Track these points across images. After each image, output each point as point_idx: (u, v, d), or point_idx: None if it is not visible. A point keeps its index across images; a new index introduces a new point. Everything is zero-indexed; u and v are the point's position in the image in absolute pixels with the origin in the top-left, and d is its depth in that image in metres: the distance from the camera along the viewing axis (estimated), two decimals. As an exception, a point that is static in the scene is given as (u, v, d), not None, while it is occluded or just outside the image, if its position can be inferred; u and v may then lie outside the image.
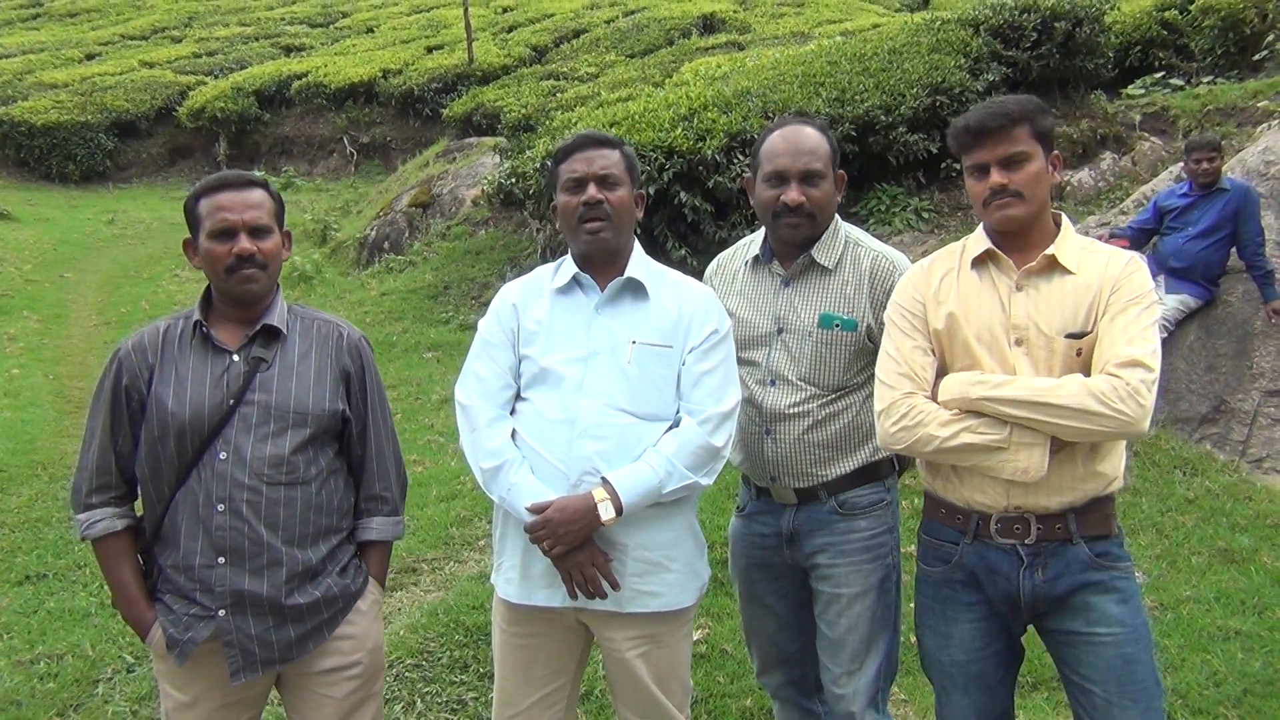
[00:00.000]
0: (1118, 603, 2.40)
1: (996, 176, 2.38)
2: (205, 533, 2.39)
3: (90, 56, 26.76)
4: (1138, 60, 13.38)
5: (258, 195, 2.50)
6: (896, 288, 2.60)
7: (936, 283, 2.50)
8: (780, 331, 2.77)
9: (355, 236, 13.58)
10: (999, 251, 2.45)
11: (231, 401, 2.41)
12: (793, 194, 2.68)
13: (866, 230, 9.26)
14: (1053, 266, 2.41)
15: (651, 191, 8.60)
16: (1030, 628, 2.55)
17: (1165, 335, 6.39)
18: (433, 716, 3.66)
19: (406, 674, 3.85)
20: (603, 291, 2.61)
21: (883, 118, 9.02)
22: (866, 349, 2.72)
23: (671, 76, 15.36)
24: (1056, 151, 2.47)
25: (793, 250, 2.79)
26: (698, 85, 10.81)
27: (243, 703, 2.52)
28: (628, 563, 2.49)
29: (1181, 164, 7.08)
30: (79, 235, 16.01)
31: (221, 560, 2.38)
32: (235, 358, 2.47)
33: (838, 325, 2.71)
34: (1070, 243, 2.44)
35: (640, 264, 2.65)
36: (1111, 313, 2.33)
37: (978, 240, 2.50)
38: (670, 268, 2.78)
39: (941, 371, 2.46)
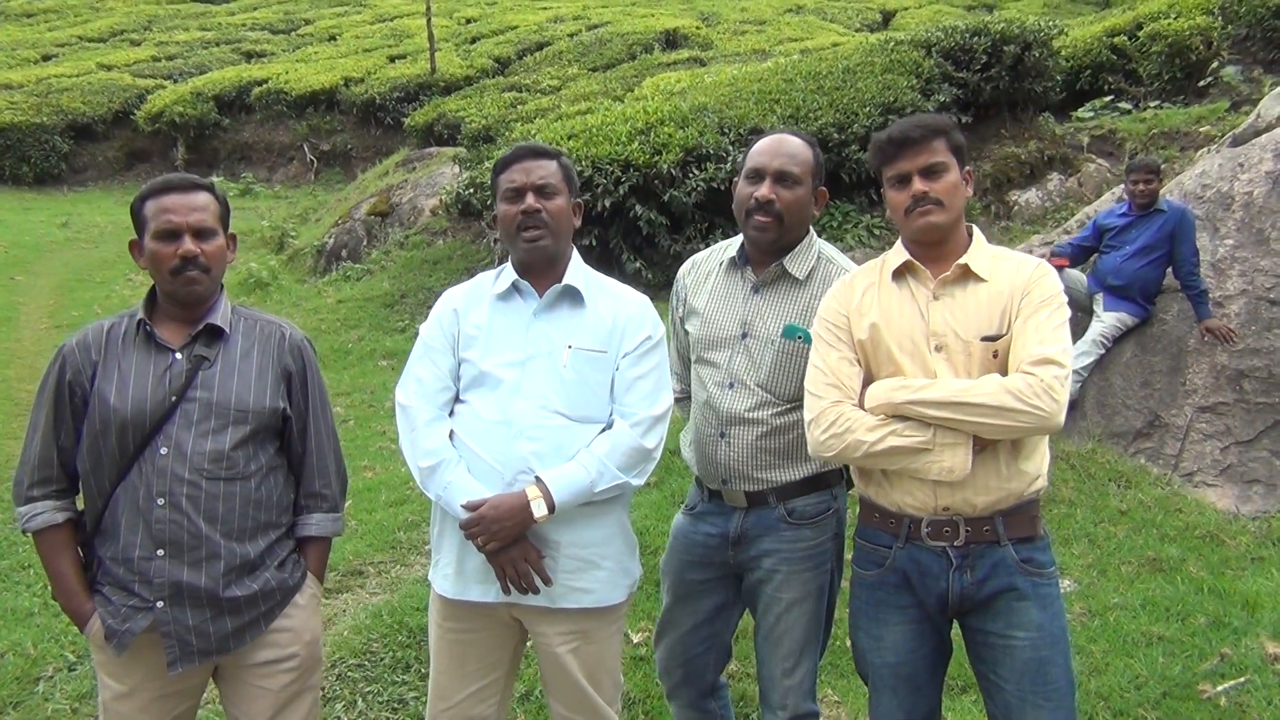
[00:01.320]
0: (1038, 609, 2.49)
1: (919, 184, 2.49)
2: (145, 525, 2.44)
3: (47, 58, 26.59)
4: (1088, 84, 13.68)
5: (203, 198, 2.55)
6: (821, 303, 2.68)
7: (859, 296, 2.60)
8: (744, 336, 2.83)
9: (313, 244, 13.57)
10: (916, 263, 2.56)
11: (174, 398, 2.46)
12: (763, 189, 2.75)
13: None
14: (966, 275, 2.52)
15: (608, 204, 8.72)
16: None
17: (1103, 351, 6.58)
18: (374, 715, 3.72)
19: (349, 673, 3.90)
20: (541, 298, 2.69)
21: (836, 135, 9.20)
22: None
23: (633, 90, 15.50)
24: (969, 168, 2.58)
25: (765, 256, 2.84)
26: (655, 100, 10.95)
27: (180, 693, 2.57)
28: (560, 559, 2.58)
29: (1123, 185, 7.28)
30: (32, 238, 15.87)
31: (160, 553, 2.43)
32: (178, 356, 2.52)
33: (800, 337, 2.76)
34: (982, 252, 2.55)
35: (578, 272, 2.74)
36: (1024, 315, 2.44)
37: (896, 254, 2.60)
38: (610, 278, 2.86)
39: (867, 380, 2.56)
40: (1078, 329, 6.83)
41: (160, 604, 2.44)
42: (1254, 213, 6.77)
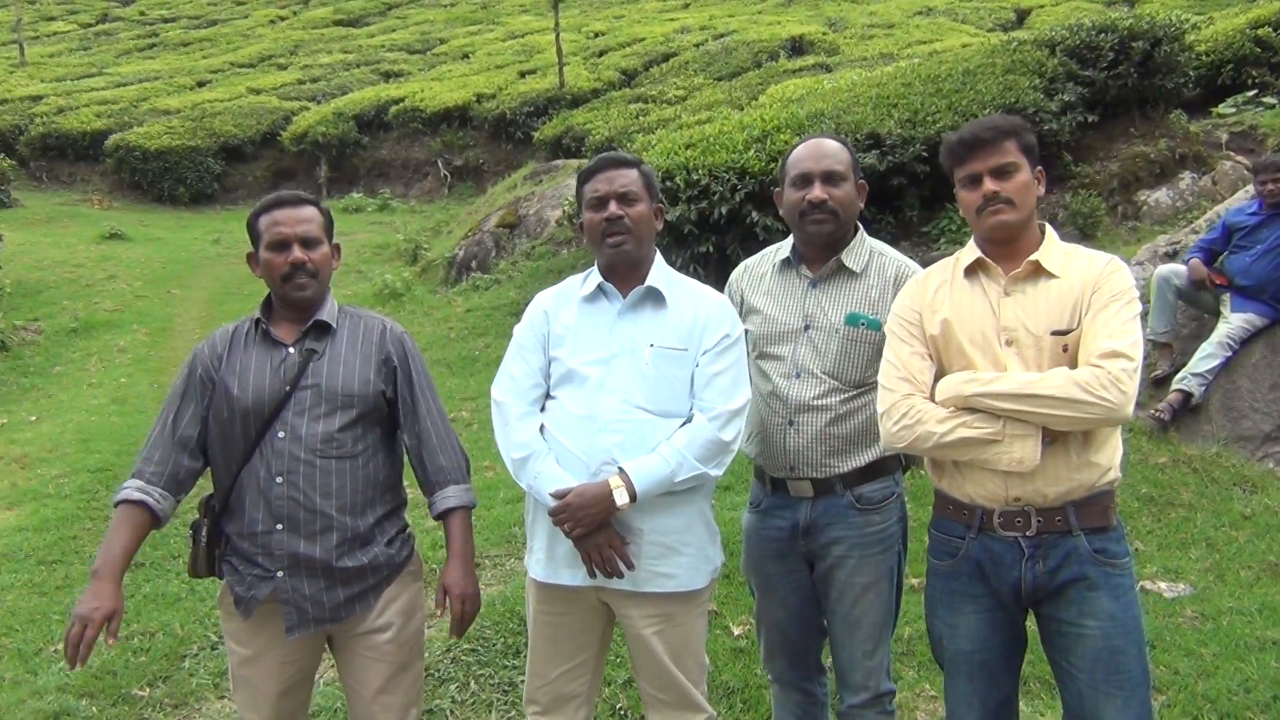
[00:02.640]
0: (1110, 598, 2.53)
1: (990, 184, 2.57)
2: (265, 503, 2.71)
3: (201, 84, 27.95)
4: (1230, 78, 13.18)
5: (308, 212, 2.85)
6: (896, 300, 2.79)
7: (931, 293, 2.69)
8: (807, 328, 2.97)
9: (444, 255, 14.06)
10: (988, 260, 2.64)
11: (288, 388, 2.75)
12: (816, 192, 2.92)
13: (939, 249, 9.33)
14: (1038, 271, 2.59)
15: (724, 211, 8.85)
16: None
17: (1230, 354, 6.39)
18: (485, 696, 3.95)
19: (463, 657, 4.13)
20: (625, 299, 2.87)
21: (954, 138, 9.11)
22: None
23: (757, 98, 15.57)
24: (1040, 167, 2.65)
25: (820, 253, 3.00)
26: (773, 108, 11.02)
27: (297, 660, 2.83)
28: (643, 546, 2.73)
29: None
30: (186, 254, 16.80)
31: (280, 527, 2.70)
32: (291, 350, 2.81)
33: (863, 324, 2.92)
34: (1054, 249, 2.62)
35: (660, 274, 2.90)
36: (1094, 309, 2.50)
37: (969, 251, 2.69)
38: (692, 279, 3.02)
39: (939, 375, 2.65)
40: (1204, 330, 6.68)
41: (280, 574, 2.71)
42: (1394, 209, 6.49)
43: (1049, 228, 2.68)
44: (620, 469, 2.67)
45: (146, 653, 4.45)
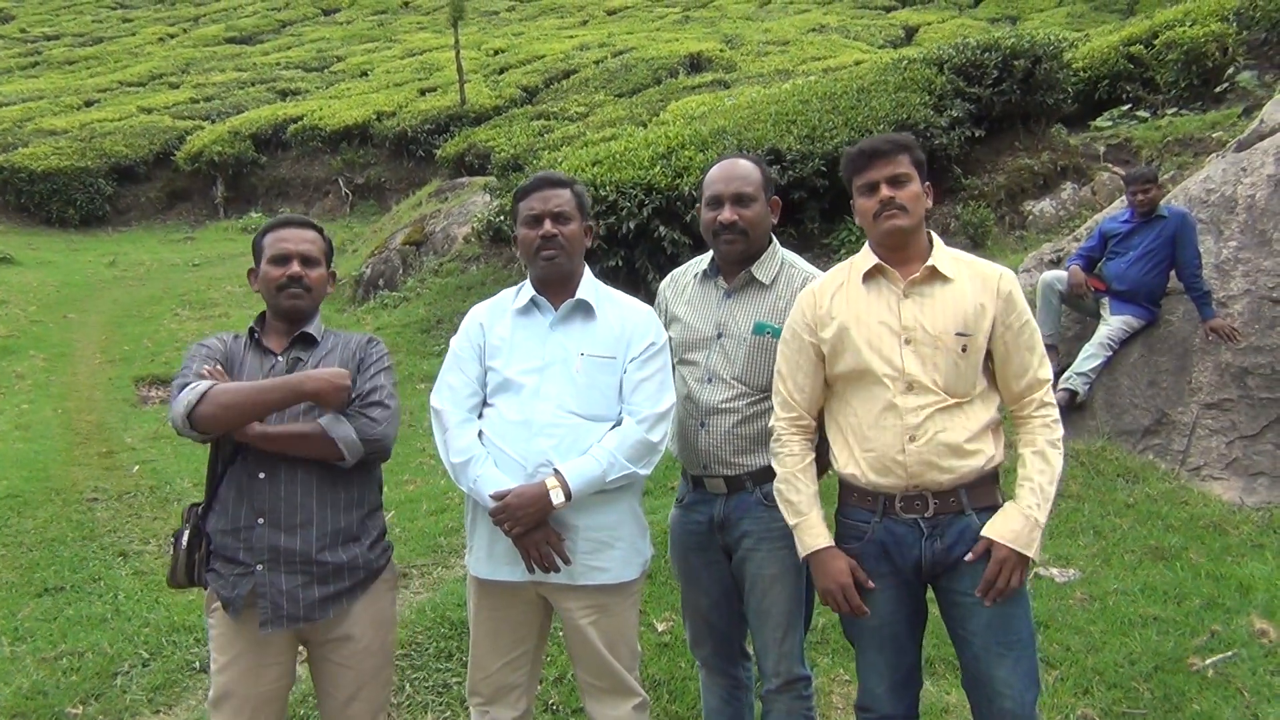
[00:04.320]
0: (976, 593, 2.79)
1: (885, 190, 2.81)
2: (248, 499, 2.86)
3: (89, 103, 27.29)
4: (1106, 94, 13.85)
5: (311, 234, 3.08)
6: (792, 311, 3.02)
7: (827, 301, 2.93)
8: (720, 336, 3.17)
9: (351, 274, 14.02)
10: (886, 265, 2.88)
11: None
12: (726, 214, 3.12)
13: (839, 259, 9.67)
14: (934, 275, 2.84)
15: (632, 226, 9.07)
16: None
17: (1110, 353, 6.79)
18: (420, 699, 4.07)
19: (397, 663, 4.20)
20: (556, 311, 3.05)
21: (851, 153, 9.48)
22: None
23: (658, 115, 15.85)
24: (929, 183, 2.91)
25: (734, 266, 3.21)
26: (676, 125, 11.30)
27: (274, 665, 2.94)
28: (578, 541, 2.91)
29: (1131, 193, 7.52)
30: (81, 277, 16.43)
31: (260, 521, 2.85)
32: (280, 358, 2.98)
33: (769, 333, 3.12)
34: (944, 254, 2.88)
35: (589, 287, 3.09)
36: (1012, 332, 2.82)
37: (865, 258, 2.92)
38: (619, 291, 3.21)
39: (832, 376, 2.91)
40: (1086, 332, 7.09)
41: (260, 567, 2.84)
42: (1256, 215, 6.96)
43: (935, 236, 2.94)
44: (556, 470, 2.85)
45: (77, 672, 4.45)
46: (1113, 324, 6.82)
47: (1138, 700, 4.01)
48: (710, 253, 3.31)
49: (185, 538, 2.92)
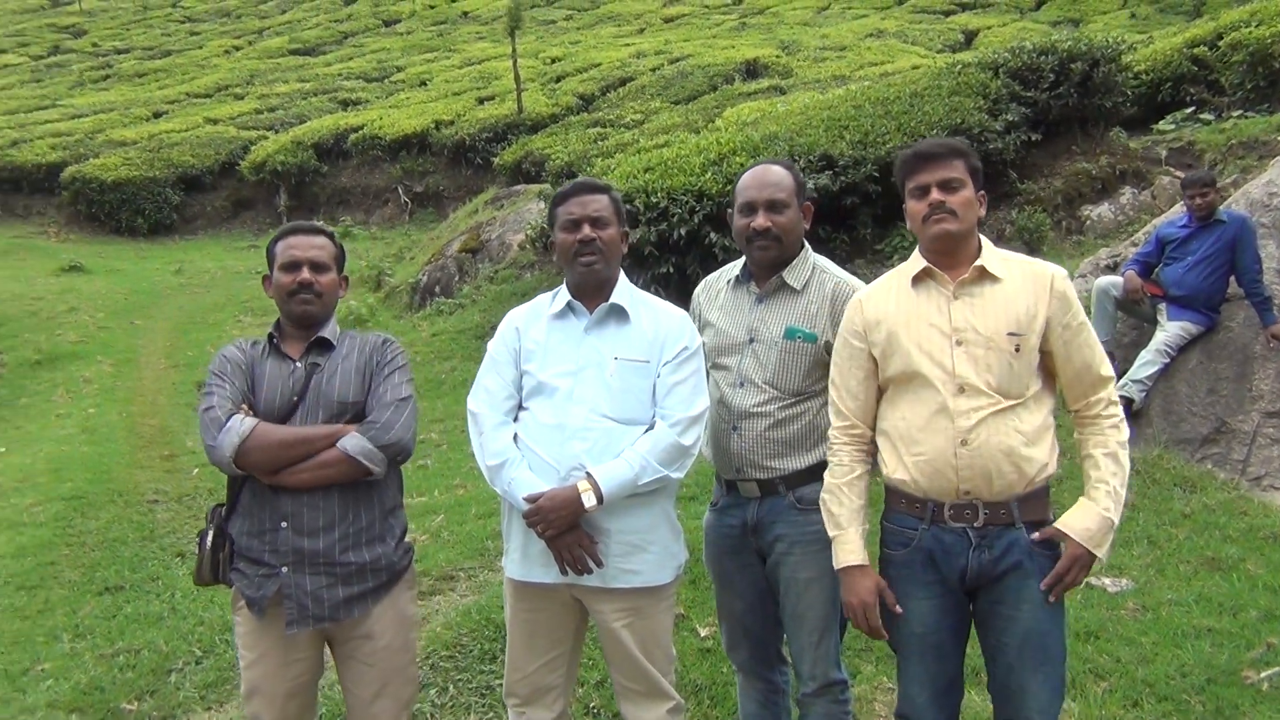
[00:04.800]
0: (1041, 584, 2.76)
1: (936, 194, 2.79)
2: (271, 502, 2.92)
3: (157, 114, 27.93)
4: (1169, 96, 13.58)
5: (321, 240, 3.13)
6: (843, 317, 3.02)
7: (875, 306, 2.92)
8: (751, 341, 3.19)
9: (408, 281, 14.21)
10: (934, 268, 2.85)
11: (296, 398, 2.99)
12: (760, 220, 3.14)
13: (892, 265, 9.59)
14: (983, 276, 2.81)
15: (683, 233, 9.09)
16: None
17: (1168, 360, 6.69)
18: (463, 700, 4.12)
19: (441, 664, 4.30)
20: (591, 315, 3.08)
21: (903, 159, 9.42)
22: (823, 361, 3.13)
23: (714, 121, 15.85)
24: (983, 191, 2.87)
25: (766, 271, 3.22)
26: (729, 131, 11.29)
27: (300, 661, 3.01)
28: (611, 544, 2.94)
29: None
30: (148, 285, 16.85)
31: (284, 524, 2.91)
32: (298, 364, 3.04)
33: (800, 337, 3.13)
34: (992, 255, 2.85)
35: (624, 291, 3.12)
36: (1071, 330, 2.79)
37: (914, 262, 2.90)
38: (654, 296, 3.25)
39: (883, 378, 2.88)
40: (1143, 338, 6.98)
41: (285, 569, 2.91)
42: (1319, 219, 6.84)
43: (984, 239, 2.90)
44: (588, 474, 2.88)
45: (133, 669, 4.59)
46: (1170, 330, 6.71)
47: (1189, 713, 3.93)
48: (743, 258, 3.32)
49: (209, 538, 3.00)
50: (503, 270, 13.05)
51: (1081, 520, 2.72)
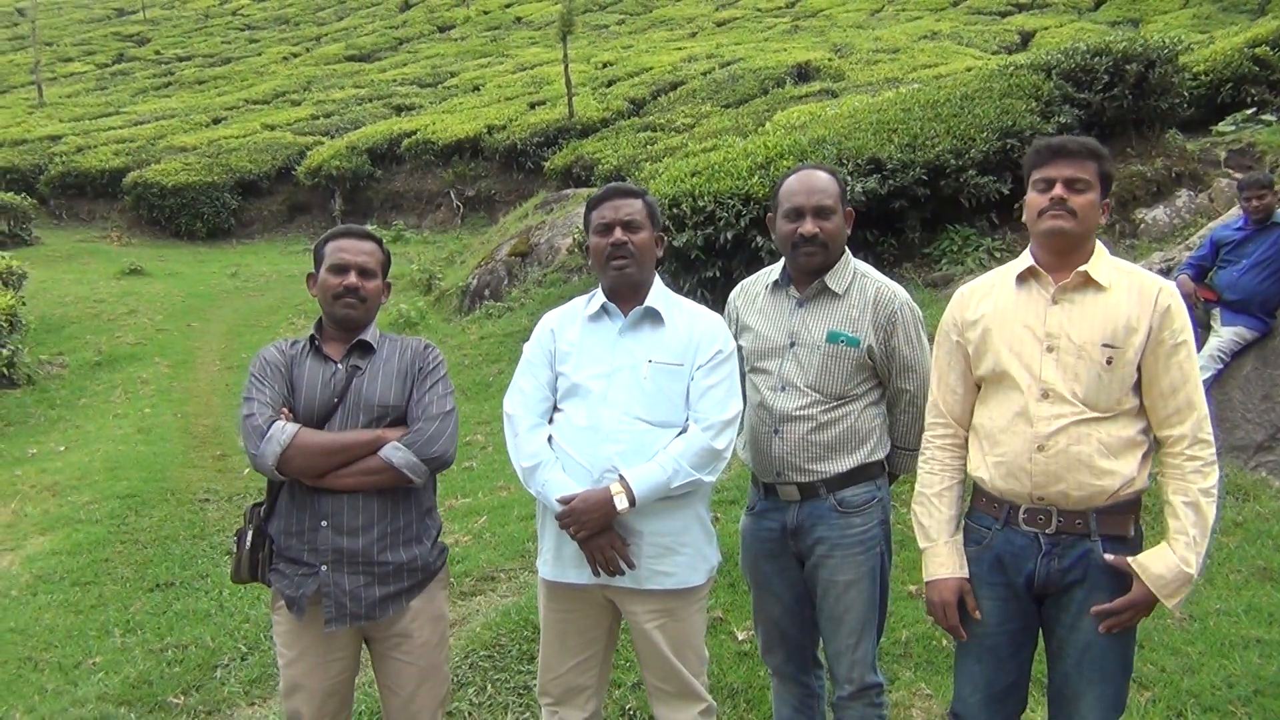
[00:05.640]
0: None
1: (1060, 190, 2.71)
2: (311, 503, 2.97)
3: (216, 121, 28.44)
4: (1229, 97, 13.33)
5: (370, 246, 3.18)
6: (945, 311, 2.99)
7: (976, 301, 2.90)
8: (793, 345, 3.19)
9: (458, 285, 14.33)
10: (1039, 269, 2.80)
11: (336, 399, 3.03)
12: (808, 226, 3.12)
13: (940, 270, 9.48)
14: (1087, 283, 2.73)
15: (730, 236, 9.09)
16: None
17: (1221, 366, 6.57)
18: (501, 699, 4.16)
19: (480, 663, 4.34)
20: (625, 318, 3.10)
21: (953, 161, 9.34)
22: (865, 365, 3.14)
23: (764, 125, 15.80)
24: (1109, 200, 2.80)
25: (807, 276, 3.22)
26: (776, 135, 11.26)
27: (339, 660, 3.07)
28: (643, 546, 2.95)
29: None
30: (205, 288, 17.15)
31: (324, 524, 2.96)
32: (339, 366, 3.09)
33: (843, 341, 3.13)
34: (1103, 262, 2.75)
35: (659, 295, 3.13)
36: (1172, 354, 2.64)
37: (1022, 260, 2.85)
38: (688, 299, 3.25)
39: (976, 375, 2.86)
40: (1196, 343, 6.85)
41: (324, 568, 2.96)
42: (1380, 221, 6.67)
43: (1100, 244, 2.81)
44: (621, 476, 2.90)
45: (180, 664, 4.70)
46: (1224, 335, 6.59)
47: (1234, 724, 3.87)
48: (780, 262, 3.33)
49: (249, 538, 3.05)
50: (551, 274, 13.12)
51: (1158, 565, 2.62)
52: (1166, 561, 2.61)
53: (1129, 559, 2.65)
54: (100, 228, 22.82)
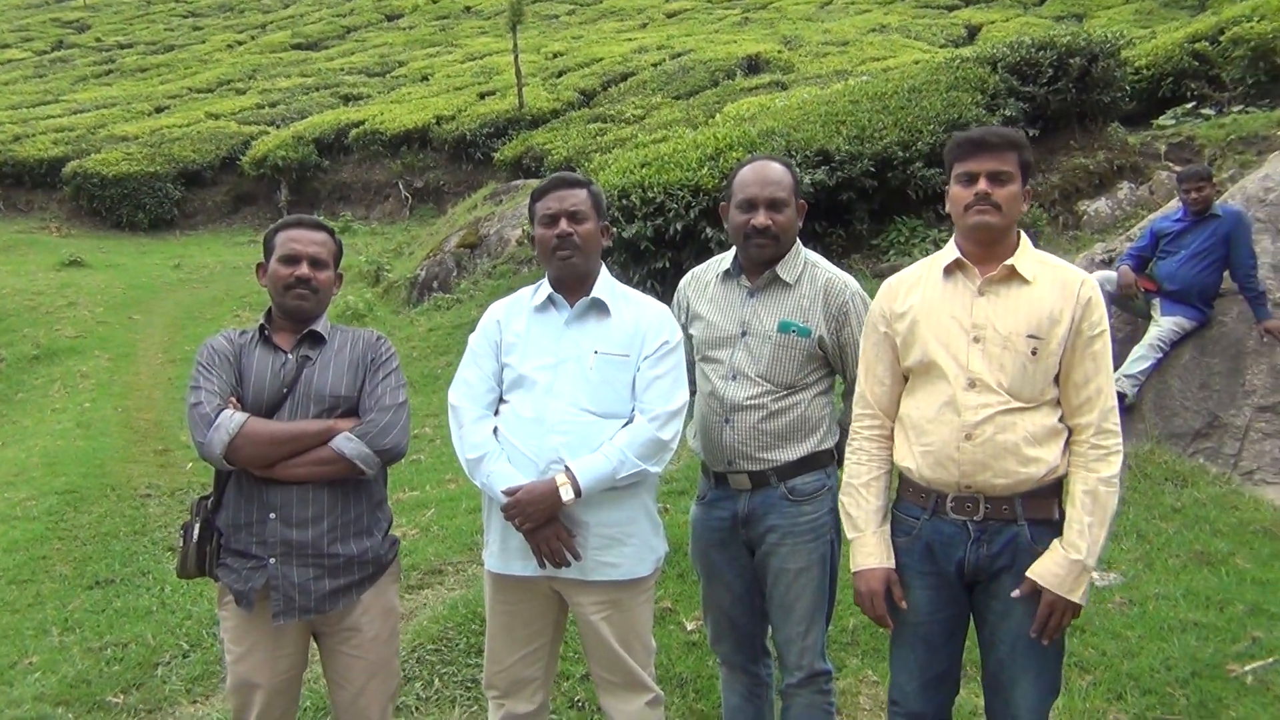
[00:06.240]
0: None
1: (983, 185, 2.73)
2: (259, 494, 2.93)
3: (159, 109, 27.84)
4: (1170, 91, 13.57)
5: (322, 236, 3.14)
6: (873, 303, 3.01)
7: (903, 293, 2.91)
8: (744, 334, 3.19)
9: (406, 276, 14.21)
10: (966, 261, 2.82)
11: (285, 389, 2.99)
12: (761, 218, 3.13)
13: (888, 261, 9.56)
14: (1012, 275, 2.77)
15: (679, 228, 9.10)
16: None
17: (1161, 355, 6.68)
18: (449, 693, 4.14)
19: (427, 657, 4.32)
20: (571, 309, 3.08)
21: (900, 153, 9.43)
22: (816, 355, 3.16)
23: (714, 117, 15.82)
24: (1029, 187, 2.83)
25: (759, 267, 3.22)
26: (725, 126, 11.28)
27: (287, 656, 3.03)
28: (589, 538, 2.95)
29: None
30: (147, 280, 16.85)
31: (272, 515, 2.92)
32: (289, 356, 3.04)
33: (794, 331, 3.14)
34: (1028, 255, 2.80)
35: (605, 285, 3.12)
36: (1087, 346, 2.71)
37: (948, 252, 2.87)
38: (635, 290, 3.25)
39: (903, 365, 2.88)
40: (1137, 334, 6.97)
41: (273, 560, 2.92)
42: (1315, 214, 6.82)
43: (1024, 236, 2.85)
44: (566, 467, 2.88)
45: (120, 662, 4.62)
46: (1163, 325, 6.70)
47: (1172, 706, 3.94)
48: (732, 251, 3.33)
49: (196, 530, 3.00)
50: (501, 265, 13.04)
51: (1050, 567, 2.68)
52: (1055, 559, 2.68)
53: (1027, 572, 2.70)
54: (39, 218, 22.28)
